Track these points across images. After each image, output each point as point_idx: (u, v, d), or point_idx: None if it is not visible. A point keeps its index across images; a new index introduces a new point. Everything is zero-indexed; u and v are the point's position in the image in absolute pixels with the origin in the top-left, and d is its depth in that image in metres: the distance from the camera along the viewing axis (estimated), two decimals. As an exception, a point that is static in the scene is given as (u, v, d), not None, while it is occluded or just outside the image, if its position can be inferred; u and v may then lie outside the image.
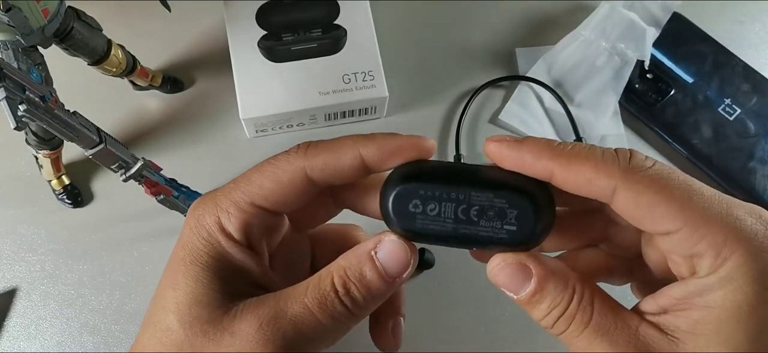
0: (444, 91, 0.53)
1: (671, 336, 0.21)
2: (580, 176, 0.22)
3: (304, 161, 0.25)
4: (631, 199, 0.21)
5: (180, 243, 0.25)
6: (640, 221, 0.22)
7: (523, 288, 0.23)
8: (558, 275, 0.23)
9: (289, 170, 0.25)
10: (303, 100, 0.48)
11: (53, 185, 0.47)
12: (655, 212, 0.21)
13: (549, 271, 0.23)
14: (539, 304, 0.23)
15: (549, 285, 0.23)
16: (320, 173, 0.25)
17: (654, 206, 0.21)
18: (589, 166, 0.22)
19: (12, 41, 0.36)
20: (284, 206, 0.25)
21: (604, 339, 0.22)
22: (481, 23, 0.56)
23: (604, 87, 0.52)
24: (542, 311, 0.23)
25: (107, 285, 0.46)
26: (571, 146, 0.22)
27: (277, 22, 0.50)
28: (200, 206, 0.25)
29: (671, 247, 0.21)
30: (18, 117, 0.33)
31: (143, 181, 0.41)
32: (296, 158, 0.25)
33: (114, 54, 0.45)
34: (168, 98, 0.52)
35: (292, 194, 0.25)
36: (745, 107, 0.52)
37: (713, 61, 0.54)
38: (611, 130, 0.52)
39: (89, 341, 0.44)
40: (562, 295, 0.22)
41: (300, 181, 0.25)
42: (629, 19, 0.52)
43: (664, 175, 0.21)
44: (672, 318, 0.22)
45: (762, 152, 0.50)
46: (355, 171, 0.25)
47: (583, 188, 0.22)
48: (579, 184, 0.22)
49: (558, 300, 0.23)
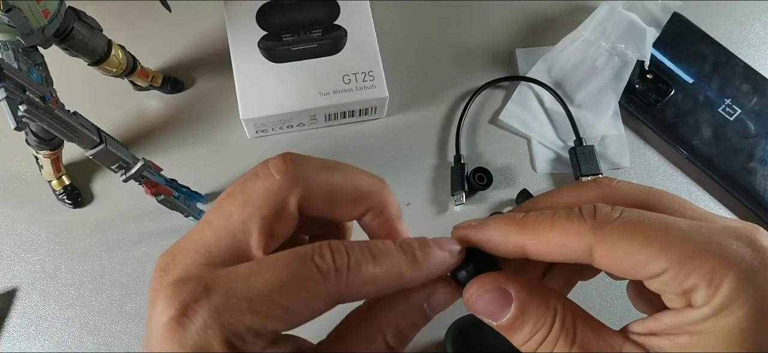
0: (444, 91, 0.53)
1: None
2: (552, 245, 0.21)
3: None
4: (609, 253, 0.21)
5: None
6: (624, 272, 0.21)
7: (503, 315, 0.22)
8: (538, 296, 0.22)
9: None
10: (303, 100, 0.48)
11: (53, 185, 0.47)
12: (636, 260, 0.20)
13: (529, 293, 0.22)
14: (521, 330, 0.22)
15: (530, 308, 0.22)
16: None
17: (633, 254, 0.20)
18: (556, 233, 0.21)
19: (12, 41, 0.36)
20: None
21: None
22: (481, 23, 0.56)
23: (604, 87, 0.52)
24: (524, 336, 0.22)
25: (107, 285, 0.46)
26: (535, 216, 0.22)
27: (277, 22, 0.50)
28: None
29: (662, 287, 0.21)
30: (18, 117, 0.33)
31: (143, 181, 0.41)
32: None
33: (114, 54, 0.45)
34: (168, 98, 0.52)
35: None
36: (745, 108, 0.52)
37: (713, 62, 0.54)
38: (611, 130, 0.52)
39: (89, 341, 0.44)
40: (544, 318, 0.21)
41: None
42: (629, 19, 0.52)
43: (634, 220, 0.21)
44: (658, 340, 0.21)
45: (762, 152, 0.50)
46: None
47: (560, 255, 0.22)
48: (553, 253, 0.22)
49: (540, 323, 0.21)
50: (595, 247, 0.21)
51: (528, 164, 0.51)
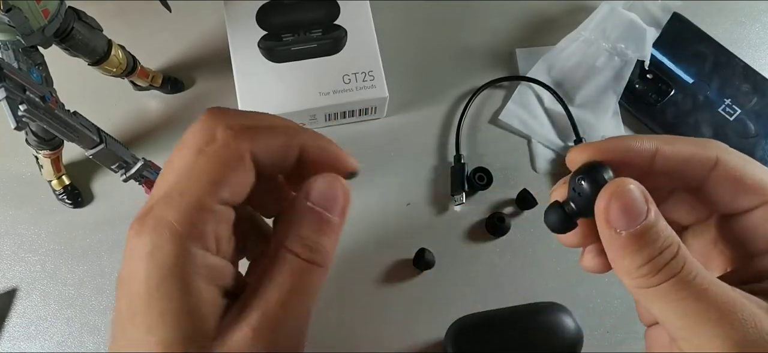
0: (444, 91, 0.53)
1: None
2: (682, 151, 0.23)
3: (248, 145, 0.22)
4: (728, 175, 0.23)
5: (136, 278, 0.21)
6: (734, 197, 0.23)
7: (637, 222, 0.21)
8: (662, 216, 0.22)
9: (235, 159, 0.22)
10: (303, 100, 0.48)
11: (53, 185, 0.47)
12: (749, 187, 0.23)
13: (658, 209, 0.21)
14: (651, 244, 0.20)
15: (661, 221, 0.21)
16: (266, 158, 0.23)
17: (747, 180, 0.23)
18: (687, 143, 0.23)
19: (12, 41, 0.36)
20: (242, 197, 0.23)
21: (709, 299, 0.20)
22: (481, 23, 0.56)
23: (604, 87, 0.52)
24: (650, 252, 0.20)
25: (107, 285, 0.46)
26: (669, 135, 0.24)
27: (277, 22, 0.50)
28: (154, 231, 0.21)
29: (759, 221, 0.23)
30: (18, 117, 0.33)
31: (143, 181, 0.41)
32: (238, 141, 0.22)
33: (114, 54, 0.45)
34: (168, 98, 0.52)
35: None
36: (745, 108, 0.52)
37: (713, 62, 0.54)
38: (611, 130, 0.52)
39: (89, 341, 0.44)
40: (672, 239, 0.21)
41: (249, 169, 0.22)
42: (629, 19, 0.52)
43: (744, 157, 0.23)
44: (766, 285, 0.22)
45: (762, 152, 0.50)
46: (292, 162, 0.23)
47: (684, 165, 0.23)
48: (680, 163, 0.23)
49: (669, 240, 0.21)
50: (721, 160, 0.23)
51: (528, 164, 0.51)
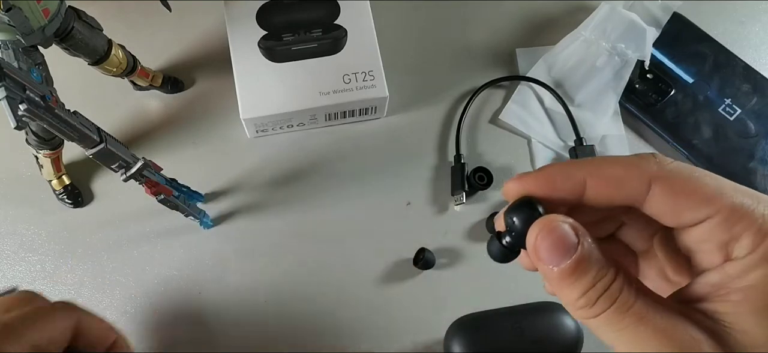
0: (444, 91, 0.53)
1: (718, 320, 0.20)
2: (612, 181, 0.22)
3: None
4: (668, 191, 0.21)
5: None
6: (677, 213, 0.22)
7: (566, 258, 0.21)
8: (598, 247, 0.21)
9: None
10: (303, 100, 0.48)
11: (53, 185, 0.47)
12: (692, 201, 0.21)
13: (592, 240, 0.21)
14: (583, 277, 0.21)
15: (595, 253, 0.21)
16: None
17: (689, 194, 0.21)
18: (620, 167, 0.22)
19: (12, 41, 0.36)
20: None
21: (648, 324, 0.20)
22: (481, 23, 0.56)
23: (605, 87, 0.52)
24: (584, 285, 0.21)
25: (107, 285, 0.46)
26: (597, 157, 0.23)
27: (277, 22, 0.50)
28: None
29: (705, 236, 0.21)
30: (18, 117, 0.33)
31: (143, 181, 0.41)
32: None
33: (114, 54, 0.45)
34: (168, 98, 0.52)
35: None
36: (746, 108, 0.52)
37: (713, 62, 0.54)
38: (611, 130, 0.52)
39: (89, 341, 0.44)
40: (607, 268, 0.21)
41: None
42: (629, 19, 0.52)
43: (688, 168, 0.22)
44: (710, 305, 0.21)
45: (762, 152, 0.50)
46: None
47: (617, 194, 0.22)
48: (612, 192, 0.22)
49: (603, 271, 0.21)
50: (654, 184, 0.21)
51: (528, 164, 0.51)
